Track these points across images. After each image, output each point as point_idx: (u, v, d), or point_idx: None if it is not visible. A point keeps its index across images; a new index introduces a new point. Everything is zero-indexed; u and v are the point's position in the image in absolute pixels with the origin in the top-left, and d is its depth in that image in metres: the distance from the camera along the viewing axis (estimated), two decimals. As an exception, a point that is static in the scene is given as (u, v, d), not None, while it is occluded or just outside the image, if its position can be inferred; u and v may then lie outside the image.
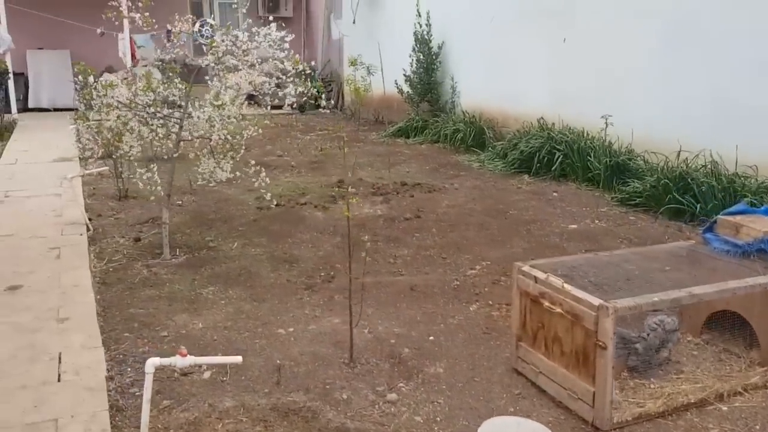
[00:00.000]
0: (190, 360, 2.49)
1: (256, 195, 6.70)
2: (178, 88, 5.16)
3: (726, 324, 3.31)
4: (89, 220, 5.86)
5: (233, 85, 4.61)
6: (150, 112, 4.86)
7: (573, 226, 5.81)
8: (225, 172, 5.25)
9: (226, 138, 5.11)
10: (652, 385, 3.03)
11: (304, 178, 7.89)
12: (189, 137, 4.99)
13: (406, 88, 11.25)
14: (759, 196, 5.64)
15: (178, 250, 5.16)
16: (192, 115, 4.90)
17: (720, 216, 3.57)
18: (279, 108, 5.21)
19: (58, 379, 3.10)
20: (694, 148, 6.46)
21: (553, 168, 7.63)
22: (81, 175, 6.57)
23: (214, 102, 4.66)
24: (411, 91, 11.13)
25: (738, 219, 3.40)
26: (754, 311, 3.16)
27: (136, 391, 3.01)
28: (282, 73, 4.95)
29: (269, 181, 5.12)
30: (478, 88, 10.06)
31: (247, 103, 5.15)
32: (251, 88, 4.99)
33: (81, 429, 2.69)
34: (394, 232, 5.61)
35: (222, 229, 5.75)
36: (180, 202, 6.58)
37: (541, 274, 2.95)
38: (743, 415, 2.86)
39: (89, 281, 4.44)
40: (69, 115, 13.35)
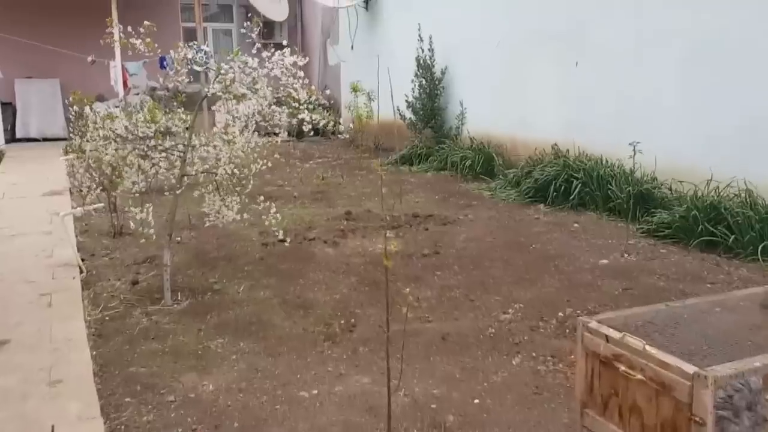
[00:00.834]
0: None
1: (259, 229, 6.30)
2: (181, 118, 4.79)
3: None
4: (82, 260, 5.42)
5: (242, 116, 4.23)
6: (151, 145, 4.46)
7: (603, 262, 5.42)
8: (231, 211, 4.85)
9: (233, 172, 4.72)
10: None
11: (308, 210, 7.49)
12: (193, 172, 4.58)
13: (408, 114, 10.92)
14: (803, 228, 5.30)
15: (180, 294, 4.74)
16: (197, 148, 4.52)
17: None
18: (275, 134, 4.85)
19: (51, 461, 2.67)
20: (723, 176, 6.11)
21: (571, 197, 7.27)
22: (76, 212, 6.13)
23: (224, 136, 4.27)
24: (414, 117, 10.80)
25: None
26: None
27: (143, 475, 2.57)
28: (294, 101, 4.58)
29: (276, 216, 4.72)
30: (484, 114, 9.73)
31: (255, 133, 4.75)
32: (260, 119, 4.63)
33: None
34: (413, 270, 5.20)
35: (226, 269, 5.32)
36: (179, 239, 6.15)
37: (614, 333, 2.55)
38: None
39: (84, 334, 4.00)
40: (59, 145, 13.06)
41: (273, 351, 3.77)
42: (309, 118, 4.48)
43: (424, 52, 10.58)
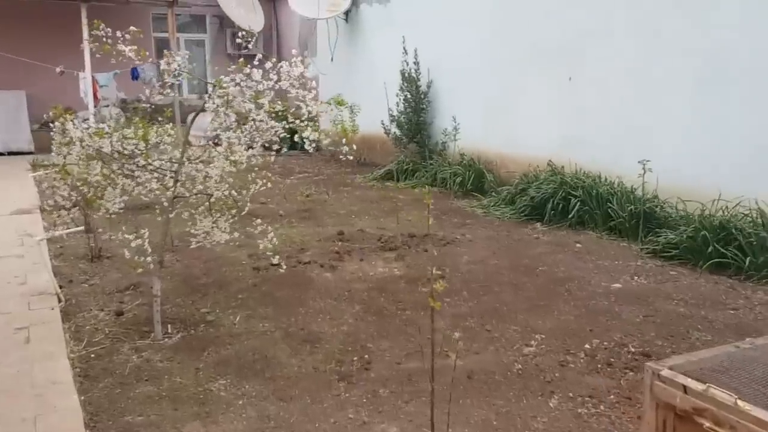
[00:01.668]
0: None
1: (248, 251, 5.94)
2: (169, 134, 4.42)
3: None
4: (60, 287, 4.99)
5: (246, 133, 3.88)
6: (140, 165, 4.08)
7: (616, 285, 5.17)
8: (224, 232, 4.49)
9: (230, 193, 4.37)
10: None
11: (297, 230, 7.13)
12: (187, 194, 4.22)
13: (393, 129, 10.64)
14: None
15: (171, 327, 4.35)
16: (185, 165, 4.16)
17: None
18: (251, 147, 4.51)
19: None
20: (730, 194, 5.94)
21: (570, 216, 7.03)
22: (54, 235, 5.67)
23: (230, 157, 3.92)
24: (399, 131, 10.52)
25: None
26: None
27: None
28: (296, 119, 4.26)
29: (264, 234, 4.37)
30: (473, 129, 9.49)
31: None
32: (258, 136, 4.28)
33: None
34: (420, 297, 4.88)
35: (218, 297, 4.94)
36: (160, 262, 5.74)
37: (695, 384, 2.26)
38: None
39: (69, 375, 3.59)
40: (25, 159, 12.45)
41: (283, 394, 3.41)
42: (313, 136, 4.15)
43: (409, 65, 10.32)
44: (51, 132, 4.32)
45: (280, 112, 4.38)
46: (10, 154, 13.24)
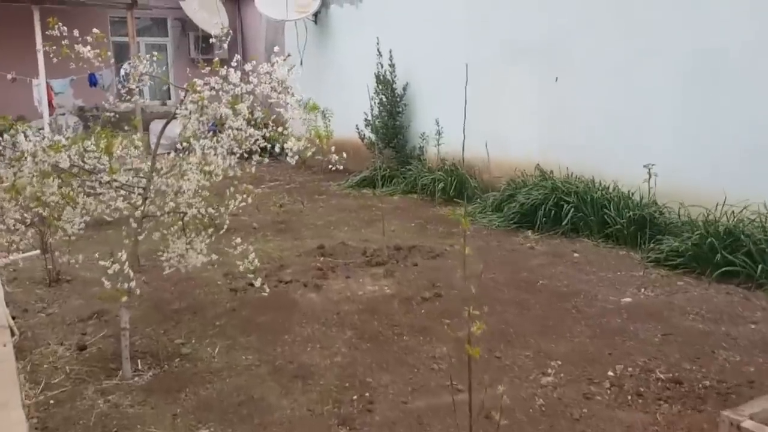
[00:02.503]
0: None
1: (223, 270, 5.44)
2: (136, 146, 3.93)
3: None
4: (13, 318, 4.44)
5: (224, 143, 3.42)
6: (104, 181, 3.58)
7: (626, 300, 4.81)
8: (200, 254, 4.00)
9: (206, 211, 3.89)
10: None
11: (274, 244, 6.64)
12: (158, 213, 3.73)
13: (367, 133, 10.20)
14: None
15: (141, 362, 3.86)
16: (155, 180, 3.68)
17: None
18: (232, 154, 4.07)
19: None
20: (732, 198, 5.64)
21: (563, 223, 6.67)
22: (7, 261, 5.10)
23: (205, 168, 3.44)
24: (374, 136, 10.07)
25: None
26: None
27: None
28: (277, 126, 3.82)
29: (244, 251, 3.91)
30: (453, 133, 9.06)
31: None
32: (236, 145, 3.83)
33: None
34: (417, 319, 4.46)
35: (193, 325, 4.45)
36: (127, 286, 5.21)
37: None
38: None
39: (25, 428, 3.07)
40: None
41: (278, 445, 2.96)
42: (297, 147, 3.72)
43: (383, 67, 9.89)
44: (-1, 146, 3.78)
45: (259, 119, 3.99)
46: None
